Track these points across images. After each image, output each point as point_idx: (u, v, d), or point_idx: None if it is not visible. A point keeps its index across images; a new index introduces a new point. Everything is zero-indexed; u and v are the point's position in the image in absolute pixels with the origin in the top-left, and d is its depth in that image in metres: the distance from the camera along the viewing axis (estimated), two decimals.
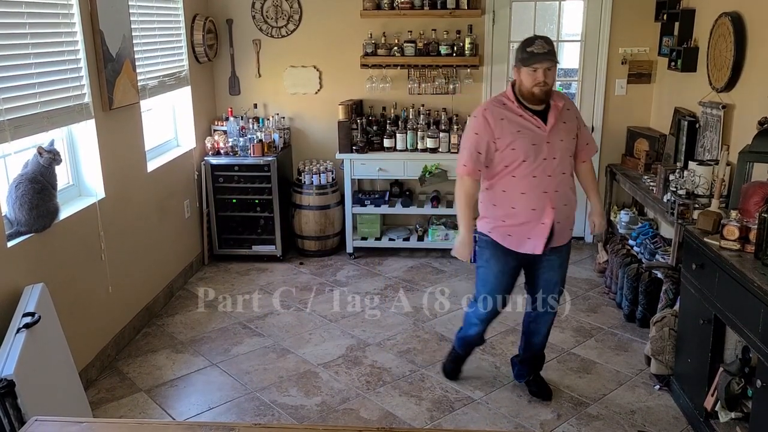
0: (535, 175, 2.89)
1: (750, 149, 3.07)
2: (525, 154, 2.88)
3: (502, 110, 2.91)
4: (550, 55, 2.81)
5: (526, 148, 2.87)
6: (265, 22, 5.26)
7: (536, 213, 2.93)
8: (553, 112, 2.91)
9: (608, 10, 5.04)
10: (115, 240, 3.72)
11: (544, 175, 2.90)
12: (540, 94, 2.84)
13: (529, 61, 2.81)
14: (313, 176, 5.12)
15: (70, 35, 3.32)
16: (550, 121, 2.89)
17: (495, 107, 2.93)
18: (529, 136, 2.88)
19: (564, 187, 2.96)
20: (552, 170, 2.91)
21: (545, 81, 2.82)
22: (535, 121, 2.88)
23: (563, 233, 3.03)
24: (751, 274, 2.45)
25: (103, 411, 3.21)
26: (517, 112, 2.89)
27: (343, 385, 3.44)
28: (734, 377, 2.66)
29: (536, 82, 2.82)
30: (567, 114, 2.96)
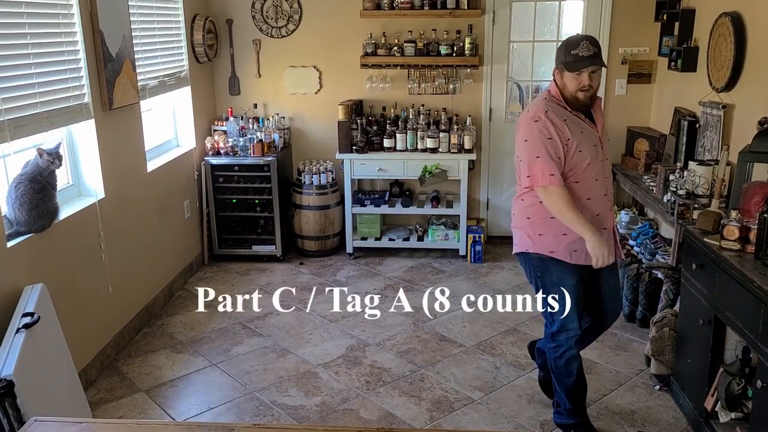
0: (597, 178, 2.72)
1: (750, 149, 3.07)
2: (589, 155, 2.68)
3: (563, 110, 2.69)
4: (597, 58, 2.61)
5: (590, 149, 2.69)
6: (265, 22, 5.26)
7: (600, 219, 2.75)
8: (597, 111, 2.80)
9: (608, 10, 5.04)
10: (115, 240, 3.72)
11: (603, 178, 2.76)
12: (584, 99, 2.67)
13: (574, 66, 2.60)
14: (313, 176, 5.12)
15: (70, 35, 3.32)
16: (599, 121, 2.78)
17: (552, 109, 2.67)
18: (589, 137, 2.70)
19: (611, 189, 2.87)
20: (608, 172, 2.82)
21: (590, 85, 2.64)
22: (588, 121, 2.74)
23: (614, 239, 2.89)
24: (751, 275, 2.45)
25: (102, 411, 3.21)
26: (572, 113, 2.69)
27: (342, 385, 3.43)
28: (734, 377, 2.66)
29: (582, 86, 2.63)
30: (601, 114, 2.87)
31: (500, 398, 3.31)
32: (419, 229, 5.30)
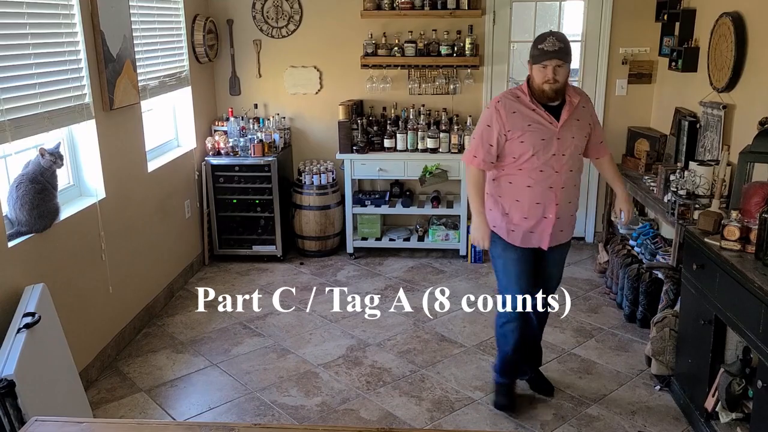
0: (542, 169, 2.90)
1: (750, 149, 3.07)
2: (534, 148, 2.87)
3: (515, 103, 2.90)
4: (561, 53, 2.78)
5: (535, 142, 2.87)
6: (266, 23, 5.26)
7: (540, 207, 2.95)
8: (567, 108, 2.90)
9: (609, 10, 5.04)
10: (116, 240, 3.72)
11: (552, 171, 2.91)
12: (550, 91, 2.84)
13: (539, 59, 2.81)
14: (313, 176, 5.13)
15: (70, 35, 3.32)
16: (563, 117, 2.89)
17: (508, 100, 2.92)
18: (539, 131, 2.88)
19: (570, 184, 2.98)
20: (560, 166, 2.92)
21: (555, 78, 2.80)
22: (547, 116, 2.88)
23: (567, 230, 3.07)
24: (751, 275, 2.45)
25: (103, 411, 3.21)
26: (529, 106, 2.89)
27: (343, 385, 3.43)
28: (735, 378, 2.66)
29: (546, 79, 2.81)
30: (581, 111, 2.96)
31: None
32: (419, 230, 5.30)
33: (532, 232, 2.99)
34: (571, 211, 3.04)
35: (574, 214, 3.08)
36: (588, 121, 2.99)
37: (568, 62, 2.82)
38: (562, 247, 3.12)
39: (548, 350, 3.75)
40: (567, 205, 2.99)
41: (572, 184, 2.99)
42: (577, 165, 2.99)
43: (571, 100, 2.91)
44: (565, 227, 3.06)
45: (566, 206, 2.99)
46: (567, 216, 3.03)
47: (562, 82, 2.84)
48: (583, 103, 2.98)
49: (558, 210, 2.96)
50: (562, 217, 3.00)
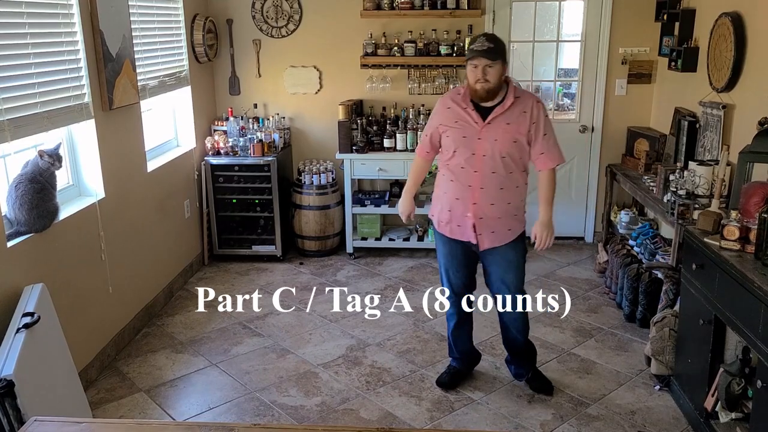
0: (463, 167, 2.98)
1: (750, 149, 3.07)
2: (455, 144, 2.98)
3: (452, 100, 3.01)
4: (488, 53, 2.82)
5: (456, 139, 2.98)
6: (265, 22, 5.26)
7: (460, 203, 3.02)
8: (497, 110, 2.93)
9: (608, 10, 5.04)
10: (115, 240, 3.72)
11: (471, 170, 2.97)
12: (481, 91, 2.89)
13: (469, 57, 2.88)
14: (313, 176, 5.12)
15: (70, 35, 3.32)
16: (488, 118, 2.93)
17: (448, 96, 3.05)
18: (462, 129, 2.96)
19: (491, 186, 2.97)
20: (480, 167, 2.95)
21: (486, 78, 2.85)
22: (474, 115, 2.94)
23: (501, 233, 3.05)
24: (751, 275, 2.45)
25: (102, 411, 3.21)
26: (461, 104, 2.97)
27: (342, 385, 3.43)
28: (734, 377, 2.66)
29: (476, 78, 2.87)
30: (516, 116, 2.94)
31: (500, 398, 3.31)
32: (419, 229, 5.30)
33: (459, 226, 3.06)
34: (497, 213, 3.00)
35: (504, 218, 3.02)
36: (524, 128, 2.94)
37: (498, 63, 2.85)
38: (503, 249, 3.08)
39: (548, 350, 3.75)
40: (489, 207, 2.99)
41: (496, 186, 2.97)
42: (502, 169, 2.95)
43: (505, 103, 2.93)
44: (498, 229, 3.04)
45: (488, 207, 2.99)
46: (493, 218, 3.00)
47: (493, 82, 2.87)
48: (524, 108, 2.94)
49: (477, 210, 2.99)
50: (486, 218, 3.00)
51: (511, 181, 3.00)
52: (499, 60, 2.86)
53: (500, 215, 3.02)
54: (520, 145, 2.97)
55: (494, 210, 3.01)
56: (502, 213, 3.02)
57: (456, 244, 3.14)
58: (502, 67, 2.88)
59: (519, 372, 3.40)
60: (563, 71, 5.51)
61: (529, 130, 2.96)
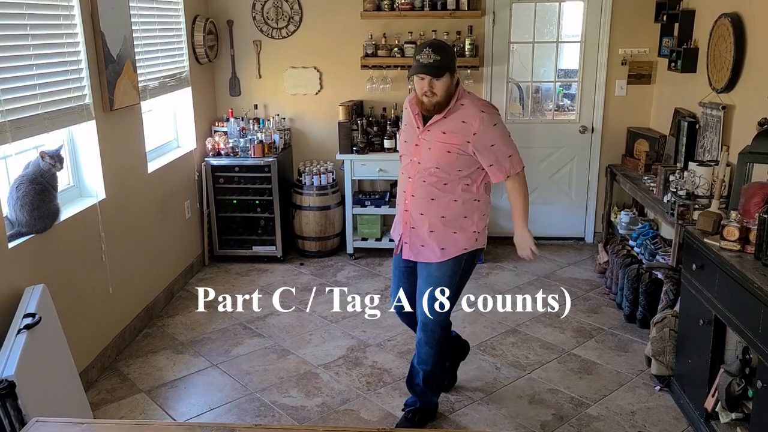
0: (403, 171, 2.93)
1: (750, 150, 3.07)
2: (401, 148, 2.95)
3: (409, 102, 2.88)
4: (434, 69, 2.61)
5: (401, 142, 2.95)
6: (266, 23, 5.27)
7: (399, 209, 2.97)
8: (435, 118, 2.74)
9: (608, 11, 5.04)
10: (116, 241, 3.72)
11: (406, 175, 2.89)
12: (428, 104, 2.70)
13: (412, 70, 2.68)
14: (313, 177, 5.13)
15: (71, 36, 3.32)
16: (427, 125, 2.77)
17: (409, 97, 2.91)
18: (406, 132, 2.91)
19: (421, 195, 2.81)
20: (413, 173, 2.82)
21: (432, 92, 2.66)
22: (417, 120, 2.81)
23: (431, 248, 2.84)
24: (751, 275, 2.45)
25: (103, 412, 3.22)
26: (413, 107, 2.83)
27: (343, 385, 3.44)
28: (735, 378, 2.66)
29: (423, 91, 2.68)
30: (455, 126, 2.71)
31: (501, 399, 3.31)
32: None
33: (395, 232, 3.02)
34: (427, 225, 2.82)
35: (437, 232, 2.82)
36: (460, 139, 2.71)
37: (445, 76, 2.64)
38: (425, 267, 2.88)
39: (548, 350, 3.76)
40: (419, 216, 2.83)
41: (426, 196, 2.80)
42: (434, 179, 2.77)
43: (445, 113, 2.72)
44: (428, 243, 2.84)
45: (418, 217, 2.83)
46: (423, 229, 2.83)
47: (441, 95, 2.67)
48: (464, 119, 2.70)
49: (407, 217, 2.87)
50: (417, 229, 2.84)
51: (445, 193, 2.79)
52: (447, 73, 2.65)
53: (433, 228, 2.82)
54: (456, 156, 2.73)
55: (424, 221, 2.83)
56: (434, 227, 2.82)
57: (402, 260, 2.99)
58: (449, 79, 2.67)
59: (407, 402, 3.14)
60: (563, 72, 5.51)
61: (468, 141, 2.70)
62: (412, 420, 3.04)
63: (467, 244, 2.86)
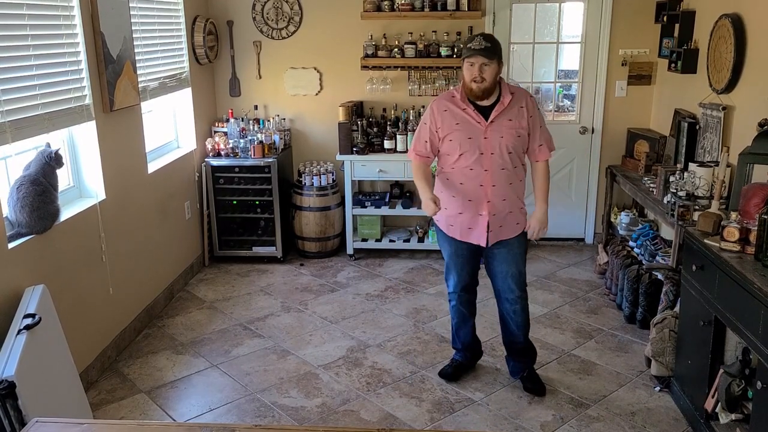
0: (472, 168, 3.01)
1: (750, 151, 3.07)
2: (461, 147, 3.01)
3: (448, 103, 3.04)
4: (485, 52, 2.87)
5: (462, 141, 3.00)
6: (266, 24, 5.27)
7: (473, 204, 3.06)
8: (498, 108, 2.98)
9: (608, 12, 5.04)
10: (116, 241, 3.72)
11: (481, 169, 3.01)
12: (477, 90, 2.93)
13: (465, 56, 2.92)
14: (313, 177, 5.13)
15: (71, 37, 3.33)
16: (491, 117, 2.98)
17: (442, 99, 3.07)
18: (466, 130, 3.00)
19: (502, 182, 3.04)
20: (489, 165, 3.01)
21: (482, 77, 2.89)
22: (476, 115, 2.98)
23: (507, 227, 3.12)
24: (751, 276, 2.45)
25: (103, 412, 3.22)
26: (460, 105, 3.00)
27: (343, 386, 3.44)
28: (734, 379, 2.66)
29: (472, 77, 2.91)
30: (515, 111, 3.02)
31: (500, 399, 3.31)
32: (420, 231, 5.31)
33: (470, 228, 3.10)
34: (508, 207, 3.09)
35: (514, 211, 3.12)
36: (524, 122, 3.03)
37: (494, 61, 2.90)
38: (507, 243, 3.15)
39: (548, 351, 3.76)
40: (501, 203, 3.06)
41: (505, 182, 3.05)
42: (510, 164, 3.03)
43: (503, 100, 2.99)
44: (506, 223, 3.11)
45: (501, 203, 3.06)
46: (504, 212, 3.08)
47: (489, 80, 2.92)
48: (520, 104, 3.03)
49: (491, 207, 3.05)
50: (498, 214, 3.07)
51: (516, 174, 3.08)
52: (496, 59, 2.91)
53: (511, 209, 3.10)
54: (523, 138, 3.05)
55: (506, 205, 3.08)
56: (512, 206, 3.10)
57: (464, 247, 3.19)
58: (498, 67, 2.93)
59: (515, 369, 3.43)
60: (563, 73, 5.51)
61: (527, 123, 3.04)
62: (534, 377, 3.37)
63: (526, 219, 3.20)
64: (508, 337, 3.39)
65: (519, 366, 3.41)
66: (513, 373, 3.45)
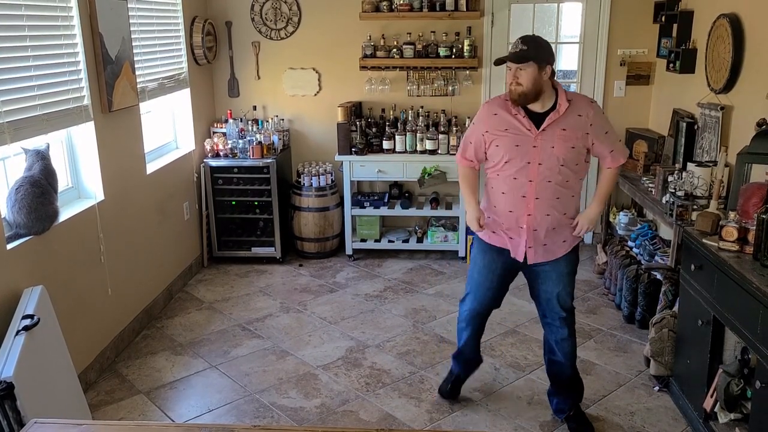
0: (516, 177, 2.79)
1: (748, 150, 3.08)
2: (508, 154, 2.79)
3: (499, 106, 2.82)
4: (516, 56, 2.68)
5: (508, 148, 2.78)
6: (264, 24, 5.27)
7: (513, 215, 2.84)
8: (552, 116, 2.74)
9: (607, 12, 5.05)
10: (115, 242, 3.72)
11: (525, 179, 2.78)
12: (514, 94, 2.73)
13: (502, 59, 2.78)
14: (312, 178, 5.13)
15: (69, 37, 3.32)
16: (543, 125, 2.74)
17: (495, 102, 2.86)
18: (514, 137, 2.77)
19: (548, 195, 2.79)
20: (535, 176, 2.77)
21: (517, 81, 2.70)
22: (526, 122, 2.75)
23: (554, 246, 2.87)
24: (749, 275, 2.45)
25: (102, 413, 3.21)
26: (511, 111, 2.78)
27: (342, 386, 3.44)
28: (733, 378, 2.67)
29: (510, 80, 2.74)
30: (573, 121, 2.75)
31: (500, 399, 3.31)
32: (419, 231, 5.31)
33: (511, 238, 2.88)
34: (552, 223, 2.82)
35: (559, 228, 2.84)
36: (582, 132, 2.76)
37: (529, 65, 2.67)
38: (554, 264, 2.90)
39: None
40: (545, 218, 2.81)
41: (552, 196, 2.80)
42: (559, 177, 2.77)
43: (558, 108, 2.74)
44: (551, 242, 2.86)
45: (544, 218, 2.81)
46: (548, 229, 2.83)
47: (526, 85, 2.69)
48: (579, 112, 2.76)
49: (531, 221, 2.81)
50: (541, 230, 2.83)
51: (567, 189, 2.82)
52: (531, 62, 2.66)
53: (555, 226, 2.83)
54: (578, 151, 2.78)
55: (549, 221, 2.82)
56: (557, 223, 2.83)
57: (498, 258, 2.96)
58: (536, 70, 2.67)
59: (561, 407, 3.12)
60: (562, 73, 5.52)
61: (587, 132, 2.77)
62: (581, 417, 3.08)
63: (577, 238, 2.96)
64: (553, 367, 3.10)
65: (566, 404, 3.09)
66: (558, 411, 3.13)
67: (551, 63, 2.73)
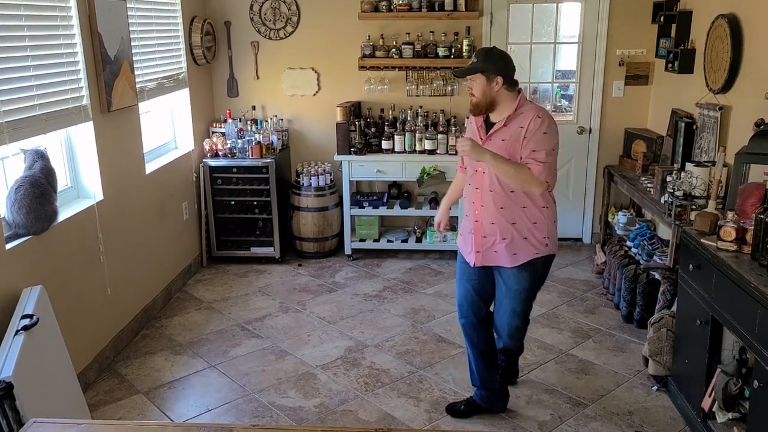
0: (470, 183, 2.96)
1: (746, 150, 3.08)
2: (465, 161, 2.99)
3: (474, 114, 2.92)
4: (467, 69, 2.80)
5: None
6: (264, 24, 5.27)
7: (468, 220, 2.98)
8: (496, 126, 2.81)
9: (605, 12, 5.05)
10: (114, 242, 3.72)
11: (473, 186, 2.92)
12: (471, 104, 2.85)
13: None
14: (311, 178, 5.13)
15: (68, 37, 3.32)
16: (489, 134, 2.84)
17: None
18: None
19: (491, 204, 2.84)
20: (480, 184, 2.87)
21: (471, 92, 2.81)
22: (481, 131, 2.88)
23: (503, 253, 2.87)
24: (747, 275, 2.46)
25: (101, 413, 3.21)
26: (478, 119, 2.91)
27: (341, 386, 3.44)
28: (731, 378, 2.67)
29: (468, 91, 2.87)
30: (513, 131, 2.77)
31: None
32: (417, 231, 5.31)
33: (465, 243, 3.02)
34: (500, 233, 2.84)
35: (509, 239, 2.84)
36: (518, 144, 2.76)
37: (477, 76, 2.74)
38: (504, 273, 2.92)
39: (546, 351, 3.76)
40: (490, 226, 2.86)
41: (495, 205, 2.84)
42: (499, 187, 2.81)
43: (506, 119, 2.78)
44: (500, 248, 2.86)
45: (489, 226, 2.86)
46: (495, 237, 2.86)
47: (478, 95, 2.77)
48: (521, 123, 2.75)
49: (478, 227, 2.90)
50: (488, 237, 2.87)
51: (512, 200, 2.82)
52: (479, 74, 2.74)
53: (504, 236, 2.85)
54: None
55: (495, 229, 2.86)
56: (506, 234, 2.85)
57: (465, 264, 3.07)
58: (484, 81, 2.74)
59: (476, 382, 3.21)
60: (561, 73, 5.52)
61: (520, 146, 2.76)
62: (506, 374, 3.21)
63: (538, 250, 2.89)
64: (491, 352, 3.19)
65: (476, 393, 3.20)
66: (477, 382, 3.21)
67: (503, 74, 2.75)
